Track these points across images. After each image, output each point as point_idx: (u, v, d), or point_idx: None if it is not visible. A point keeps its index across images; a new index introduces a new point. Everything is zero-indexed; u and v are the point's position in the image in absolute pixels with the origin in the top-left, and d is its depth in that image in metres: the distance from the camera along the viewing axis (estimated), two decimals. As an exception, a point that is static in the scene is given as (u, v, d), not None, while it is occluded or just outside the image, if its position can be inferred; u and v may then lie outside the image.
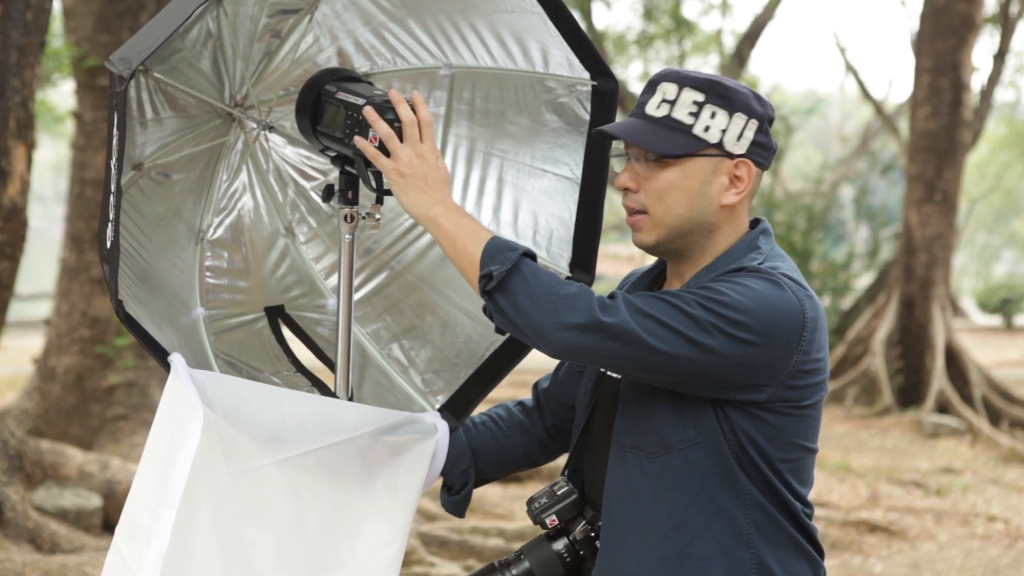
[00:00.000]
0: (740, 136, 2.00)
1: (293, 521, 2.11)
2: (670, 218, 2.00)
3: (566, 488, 2.12)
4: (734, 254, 2.02)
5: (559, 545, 2.11)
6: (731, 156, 2.00)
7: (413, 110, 2.04)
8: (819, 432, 2.04)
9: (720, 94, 1.99)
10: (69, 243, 7.19)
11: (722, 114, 1.98)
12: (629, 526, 2.00)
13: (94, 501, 5.60)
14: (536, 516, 2.12)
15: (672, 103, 1.98)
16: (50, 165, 36.44)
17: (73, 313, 7.12)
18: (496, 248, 1.96)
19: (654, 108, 2.00)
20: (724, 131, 1.98)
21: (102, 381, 7.02)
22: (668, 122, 1.98)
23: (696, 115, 1.98)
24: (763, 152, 2.03)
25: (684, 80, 1.99)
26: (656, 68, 19.58)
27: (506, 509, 6.91)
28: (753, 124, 2.00)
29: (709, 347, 1.87)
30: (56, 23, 8.19)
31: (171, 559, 1.92)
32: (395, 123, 2.04)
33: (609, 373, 2.12)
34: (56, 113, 9.53)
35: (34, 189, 5.04)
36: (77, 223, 7.15)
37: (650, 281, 2.18)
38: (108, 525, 5.60)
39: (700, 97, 1.98)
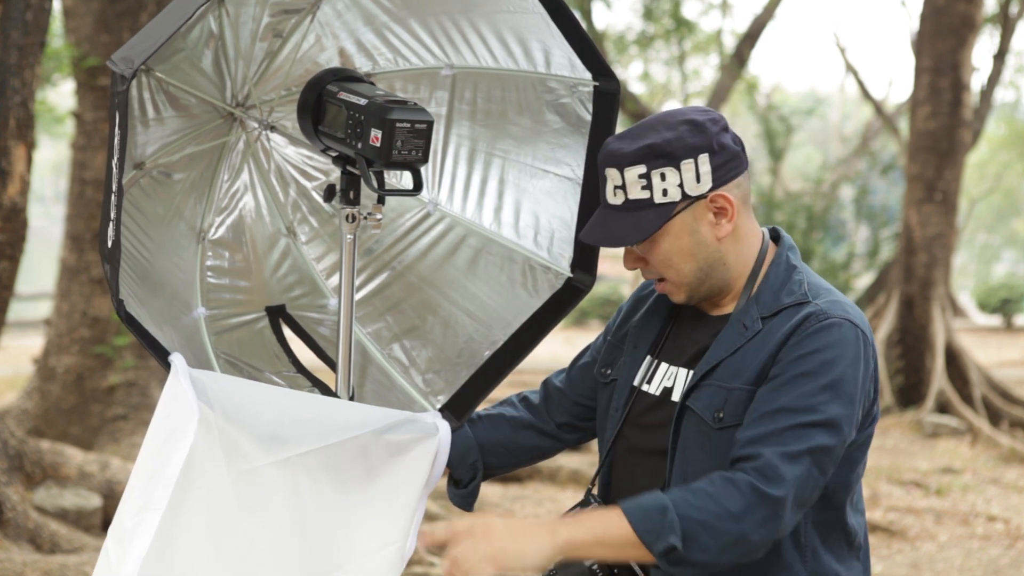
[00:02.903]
0: (698, 178, 1.98)
1: (293, 521, 2.11)
2: (684, 276, 2.03)
3: (598, 507, 2.12)
4: (775, 280, 2.05)
5: (589, 560, 2.08)
6: (703, 197, 1.99)
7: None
8: None
9: (657, 155, 1.96)
10: (69, 243, 7.18)
11: (670, 171, 1.97)
12: None
13: (94, 501, 5.59)
14: None
15: (622, 187, 1.99)
16: (50, 165, 36.45)
17: (73, 313, 7.12)
18: (644, 516, 1.88)
19: (612, 197, 2.02)
20: (681, 184, 1.97)
21: (102, 381, 7.02)
22: (630, 205, 1.99)
23: (648, 186, 1.98)
24: (730, 165, 2.00)
25: (620, 160, 1.98)
26: (656, 68, 19.56)
27: (506, 509, 6.91)
28: (704, 158, 1.97)
29: (842, 427, 1.93)
30: (56, 23, 8.18)
31: (151, 562, 1.91)
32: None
33: (644, 388, 2.13)
34: (56, 113, 9.53)
35: (34, 189, 5.03)
36: (77, 223, 7.15)
37: None
38: (108, 525, 5.57)
39: (642, 169, 1.97)
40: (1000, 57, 14.38)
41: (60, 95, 13.53)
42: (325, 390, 2.39)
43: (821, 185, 15.66)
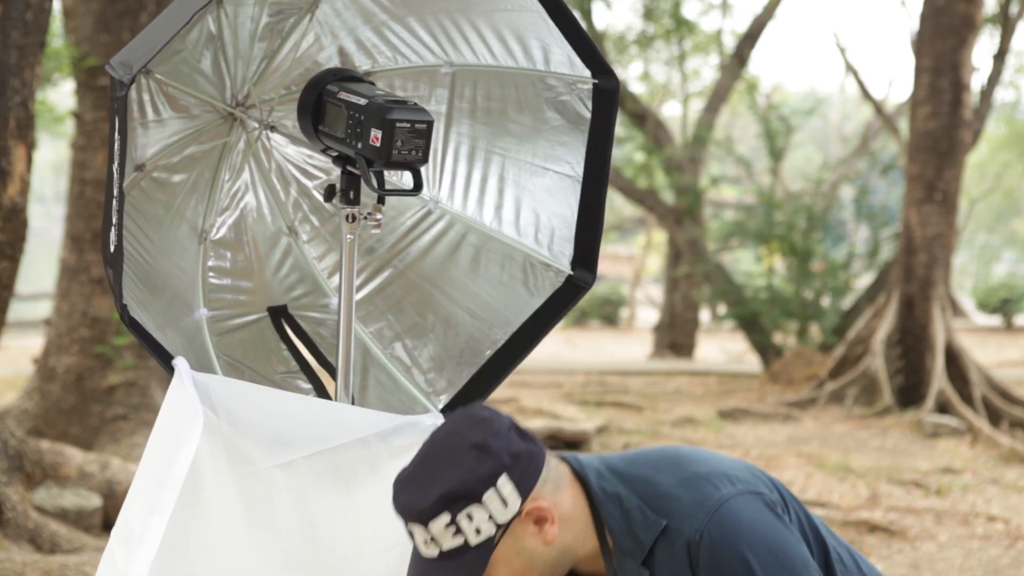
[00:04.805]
0: (505, 503, 1.85)
1: (299, 524, 2.11)
2: None
3: None
4: (617, 525, 1.92)
5: None
6: (517, 517, 1.86)
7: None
8: None
9: (457, 498, 1.83)
10: (69, 243, 7.18)
11: (475, 509, 1.84)
12: None
13: (94, 501, 5.59)
14: None
15: (433, 539, 1.85)
16: (50, 165, 36.39)
17: (73, 313, 7.12)
18: None
19: (425, 549, 1.87)
20: (491, 516, 1.84)
21: (102, 381, 7.02)
22: (447, 555, 1.85)
23: (459, 530, 1.84)
24: (529, 470, 1.87)
25: (420, 516, 1.84)
26: (656, 68, 19.54)
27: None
28: (503, 480, 1.85)
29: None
30: (56, 23, 8.18)
31: (159, 565, 1.91)
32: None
33: None
34: (56, 113, 9.51)
35: (34, 189, 5.03)
36: (77, 223, 7.15)
37: None
38: (108, 525, 5.59)
39: (446, 518, 1.83)
40: (1000, 57, 14.37)
41: (60, 95, 13.52)
42: (323, 392, 2.39)
43: (821, 185, 15.64)
